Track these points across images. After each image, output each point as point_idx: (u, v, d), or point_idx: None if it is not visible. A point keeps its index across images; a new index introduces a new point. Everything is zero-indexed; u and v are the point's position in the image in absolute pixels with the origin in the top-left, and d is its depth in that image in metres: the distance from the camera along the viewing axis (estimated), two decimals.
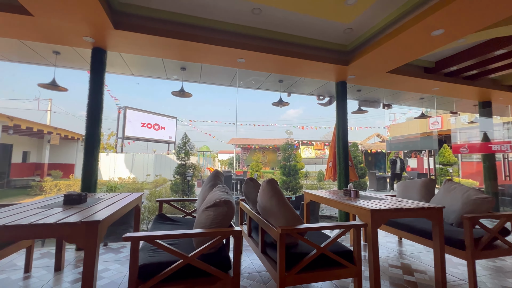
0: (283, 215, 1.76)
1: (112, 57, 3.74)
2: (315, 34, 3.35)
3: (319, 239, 2.00)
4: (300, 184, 8.55)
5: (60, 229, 1.35)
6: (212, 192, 2.00)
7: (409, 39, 2.89)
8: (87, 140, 3.11)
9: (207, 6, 2.79)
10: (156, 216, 2.56)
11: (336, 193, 3.01)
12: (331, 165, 4.93)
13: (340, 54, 3.69)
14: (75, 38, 2.99)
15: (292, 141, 10.37)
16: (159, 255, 1.60)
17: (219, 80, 4.85)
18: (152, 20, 2.93)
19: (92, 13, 2.46)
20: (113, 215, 1.64)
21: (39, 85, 3.75)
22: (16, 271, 2.33)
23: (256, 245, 2.22)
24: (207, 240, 1.60)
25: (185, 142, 7.74)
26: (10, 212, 1.60)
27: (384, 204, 2.23)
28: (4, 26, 2.77)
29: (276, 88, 5.16)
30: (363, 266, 2.47)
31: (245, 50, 3.22)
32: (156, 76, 4.70)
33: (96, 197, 2.33)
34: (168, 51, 3.36)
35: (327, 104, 5.77)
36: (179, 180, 7.39)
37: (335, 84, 4.50)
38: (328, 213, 6.52)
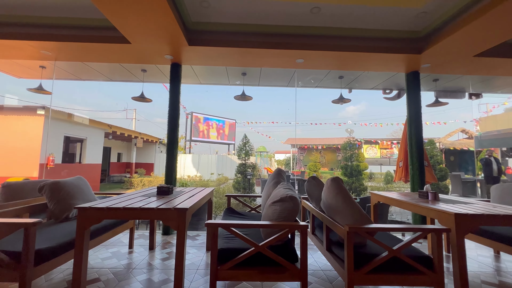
0: (350, 214, 1.74)
1: (185, 70, 4.30)
2: (379, 24, 3.13)
3: (390, 242, 1.89)
4: (364, 186, 7.96)
5: (160, 213, 1.68)
6: (277, 189, 2.12)
7: (503, 15, 2.41)
8: (169, 143, 3.67)
9: (266, 12, 2.94)
10: (226, 210, 2.84)
11: (409, 195, 2.74)
12: (402, 165, 4.46)
13: (411, 42, 3.33)
14: (159, 57, 3.57)
15: (354, 139, 9.72)
16: (233, 242, 1.80)
17: (277, 81, 4.98)
18: (218, 33, 3.26)
19: (173, 35, 2.91)
20: (195, 205, 1.93)
21: (133, 98, 4.61)
22: (123, 247, 2.94)
23: (321, 243, 2.23)
24: (275, 232, 1.72)
25: (245, 143, 8.18)
26: (122, 199, 2.06)
27: (473, 208, 1.94)
28: (110, 53, 3.53)
29: (336, 85, 4.98)
30: (446, 279, 2.19)
31: (304, 50, 3.25)
32: (220, 83, 5.15)
33: (178, 190, 2.75)
34: (231, 59, 3.66)
35: (395, 98, 5.24)
36: (240, 179, 7.86)
37: (405, 76, 4.06)
38: (398, 218, 5.89)
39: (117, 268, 2.40)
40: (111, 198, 2.04)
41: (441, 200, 2.39)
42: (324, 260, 2.65)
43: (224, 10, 2.92)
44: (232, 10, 2.91)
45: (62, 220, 2.31)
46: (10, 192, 2.47)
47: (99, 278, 2.18)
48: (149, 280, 2.16)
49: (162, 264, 2.50)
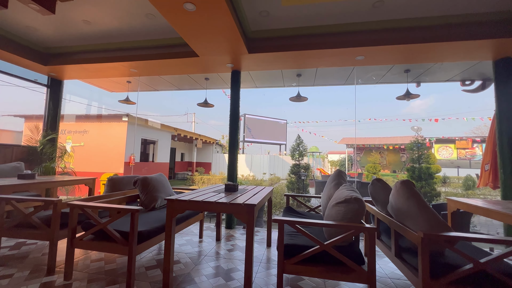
0: (424, 219, 1.62)
1: (243, 76, 4.59)
2: (456, 9, 2.77)
3: (476, 255, 1.68)
4: (436, 191, 7.01)
5: (232, 207, 1.89)
6: (340, 190, 2.11)
7: None
8: (230, 144, 3.99)
9: (323, 13, 2.94)
10: (285, 208, 2.94)
11: (501, 204, 2.35)
12: (489, 168, 3.80)
13: (501, 24, 2.83)
14: (221, 66, 3.92)
15: (422, 138, 8.63)
16: (297, 239, 1.89)
17: (334, 80, 4.85)
18: (276, 39, 3.39)
19: (236, 46, 3.18)
20: (260, 201, 2.09)
21: (198, 104, 5.16)
22: (194, 236, 3.35)
23: (388, 248, 2.13)
24: (339, 233, 1.73)
25: (299, 143, 8.16)
26: (199, 193, 2.37)
27: None
28: (181, 66, 4.04)
29: (401, 79, 4.56)
30: None
31: (365, 46, 3.11)
32: (275, 86, 5.30)
33: (241, 188, 2.98)
34: (287, 63, 3.76)
35: (479, 89, 4.49)
36: (294, 179, 7.88)
37: (492, 64, 3.46)
38: (484, 231, 5.02)
39: (192, 254, 2.75)
40: (188, 193, 2.37)
41: None
42: (391, 267, 2.50)
43: (282, 16, 3.03)
44: (290, 15, 3.00)
45: (150, 209, 2.79)
46: (113, 184, 3.10)
47: (179, 261, 2.55)
48: (219, 267, 2.42)
49: (229, 254, 2.75)
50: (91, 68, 4.16)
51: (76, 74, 4.58)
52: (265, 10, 2.90)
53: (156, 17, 3.10)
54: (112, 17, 3.16)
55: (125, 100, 5.53)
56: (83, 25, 3.37)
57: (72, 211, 2.07)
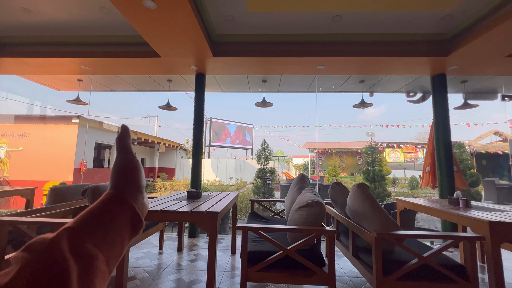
0: (377, 219, 1.75)
1: (208, 79, 4.50)
2: (402, 28, 3.10)
3: (419, 250, 1.86)
4: (387, 192, 7.70)
5: (193, 216, 1.81)
6: (302, 194, 2.17)
7: None
8: (194, 149, 3.85)
9: (287, 22, 3.04)
10: (250, 214, 2.92)
11: (438, 202, 2.66)
12: (429, 170, 4.30)
13: (437, 44, 3.26)
14: (185, 68, 3.79)
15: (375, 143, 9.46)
16: (261, 245, 1.88)
17: (298, 87, 5.04)
18: (241, 44, 3.40)
19: (200, 49, 3.10)
20: (224, 209, 2.04)
21: (160, 107, 4.89)
22: (153, 247, 3.12)
23: (346, 248, 2.24)
24: (301, 236, 1.77)
25: (264, 148, 8.27)
26: (157, 202, 2.22)
27: (509, 216, 1.87)
28: (141, 66, 3.79)
29: (357, 89, 4.94)
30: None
31: (325, 57, 3.30)
32: (241, 90, 5.31)
33: (205, 194, 2.88)
34: (252, 68, 3.79)
35: (420, 100, 5.08)
36: (260, 183, 7.93)
37: (430, 78, 3.96)
38: (426, 226, 5.64)
39: (150, 267, 2.56)
40: None
41: (473, 207, 2.30)
42: (349, 266, 2.64)
43: (247, 22, 3.05)
44: (255, 21, 3.04)
45: None
46: (57, 195, 2.74)
47: (135, 276, 2.34)
48: (180, 280, 2.29)
49: (191, 265, 2.62)
50: (33, 62, 3.66)
51: (14, 69, 3.99)
52: (230, 14, 2.89)
53: (112, 11, 2.86)
54: (59, 7, 2.83)
55: (75, 100, 4.99)
56: (22, 14, 2.96)
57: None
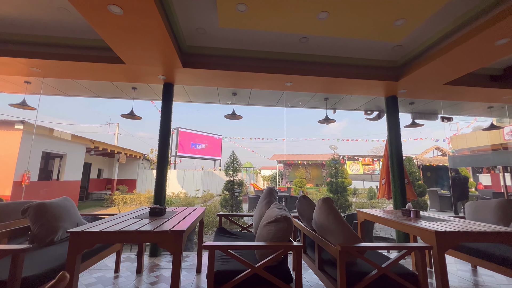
0: (341, 233, 1.83)
1: (176, 89, 4.38)
2: (361, 53, 3.43)
3: (378, 260, 1.98)
4: (349, 202, 8.16)
5: (156, 236, 1.68)
6: (271, 209, 2.18)
7: (468, 51, 2.75)
8: (159, 161, 3.66)
9: (258, 40, 3.14)
10: (218, 229, 2.83)
11: (393, 213, 2.89)
12: (385, 183, 4.68)
13: (389, 70, 3.65)
14: (152, 77, 3.64)
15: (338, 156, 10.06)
16: (228, 264, 1.82)
17: (267, 101, 5.17)
18: (211, 57, 3.40)
19: (169, 58, 3.02)
20: (190, 226, 1.94)
21: (122, 116, 4.59)
22: (108, 271, 2.82)
23: (312, 262, 2.29)
24: (269, 252, 1.76)
25: (233, 159, 8.21)
26: (115, 221, 2.03)
27: (451, 226, 2.10)
28: (102, 72, 3.55)
29: (321, 105, 5.24)
30: None
31: (293, 75, 3.46)
32: (211, 102, 5.26)
33: (170, 210, 2.72)
34: (223, 81, 3.80)
35: (376, 118, 5.58)
36: (227, 196, 7.79)
37: (384, 99, 4.39)
38: (383, 234, 6.06)
39: None
40: (103, 220, 2.00)
41: (422, 218, 2.55)
42: (315, 279, 2.68)
43: (219, 36, 3.08)
44: (226, 36, 3.08)
45: (47, 244, 2.21)
46: None
47: None
48: None
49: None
50: None
51: None
52: (202, 27, 2.89)
53: (71, 13, 2.66)
54: (7, 2, 2.54)
55: (20, 104, 4.42)
56: None
57: None
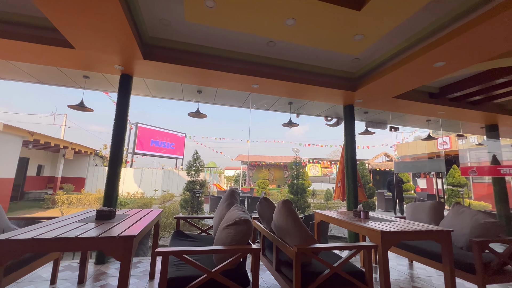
0: (298, 235, 1.88)
1: (135, 82, 4.07)
2: (324, 63, 3.61)
3: (331, 259, 2.10)
4: (308, 203, 8.54)
5: (102, 243, 1.52)
6: (231, 211, 2.15)
7: (413, 69, 3.10)
8: (112, 159, 3.34)
9: (226, 38, 3.10)
10: (174, 233, 2.69)
11: (346, 214, 3.10)
12: (340, 185, 5.01)
13: (348, 80, 3.92)
14: (107, 66, 3.32)
15: (299, 158, 10.49)
16: (184, 270, 1.73)
17: (233, 102, 5.13)
18: (175, 51, 3.24)
19: (128, 47, 2.78)
20: (143, 230, 1.80)
21: (69, 106, 4.09)
22: (42, 283, 2.47)
23: (270, 263, 2.32)
24: (227, 256, 1.73)
25: (196, 159, 7.96)
26: (53, 226, 1.78)
27: (394, 226, 2.33)
28: (47, 56, 3.12)
29: (286, 109, 5.40)
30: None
31: (259, 77, 3.49)
32: (174, 98, 5.02)
33: (121, 213, 2.50)
34: (188, 78, 3.66)
35: (335, 125, 5.96)
36: (188, 197, 7.52)
37: (343, 107, 4.70)
38: (336, 233, 6.48)
39: None
40: (39, 225, 1.74)
41: (370, 218, 2.78)
42: (273, 279, 2.73)
43: (185, 30, 2.95)
44: (193, 32, 2.97)
45: None
46: None
47: None
48: None
49: None
50: None
51: None
52: (166, 19, 2.73)
53: None
54: None
55: None
56: None
57: None
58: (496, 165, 4.86)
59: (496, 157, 5.52)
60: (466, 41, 2.47)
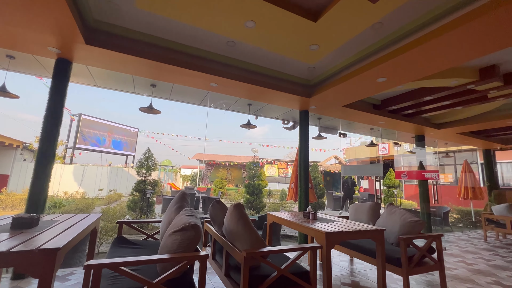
0: (248, 238, 1.88)
1: (76, 68, 3.59)
2: (282, 68, 3.71)
3: (280, 261, 2.15)
4: (263, 203, 8.71)
5: (13, 258, 1.27)
6: (180, 216, 2.03)
7: (360, 82, 3.40)
8: (40, 155, 2.87)
9: (184, 33, 2.94)
10: (115, 239, 2.44)
11: (297, 215, 3.23)
12: (293, 187, 5.22)
13: (304, 87, 4.11)
14: (39, 47, 2.84)
15: (258, 159, 10.65)
16: (121, 282, 1.57)
17: (190, 99, 4.92)
18: (126, 39, 2.95)
19: (65, 28, 2.42)
20: (73, 240, 1.58)
21: None
22: None
23: (220, 268, 2.27)
24: (173, 264, 1.62)
25: (148, 157, 7.42)
26: None
27: (338, 226, 2.50)
28: None
29: (245, 110, 5.40)
30: (319, 285, 2.66)
31: (218, 76, 3.41)
32: (123, 90, 4.58)
33: (48, 219, 2.16)
34: (140, 70, 3.37)
35: (291, 128, 6.20)
36: (137, 197, 6.96)
37: (298, 112, 4.91)
38: (289, 233, 6.74)
39: None
40: None
41: (318, 219, 2.95)
42: (222, 285, 2.68)
43: (137, 17, 2.70)
44: (146, 21, 2.74)
45: None
46: None
47: None
48: None
49: None
50: None
51: None
52: (115, 2, 2.46)
53: None
54: None
55: None
56: None
57: None
58: (421, 170, 5.67)
59: (422, 163, 6.44)
60: (403, 62, 2.80)
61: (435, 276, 3.21)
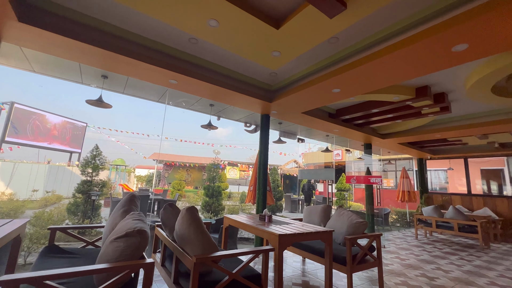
0: (200, 243, 1.81)
1: (7, 48, 3.08)
2: (245, 71, 3.73)
3: (233, 265, 2.12)
4: (222, 206, 8.59)
5: None
6: (125, 220, 1.87)
7: (318, 91, 3.60)
8: None
9: (142, 23, 2.75)
10: (45, 248, 2.13)
11: (253, 218, 3.25)
12: (252, 189, 5.26)
13: (266, 91, 4.19)
14: None
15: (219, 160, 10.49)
16: None
17: (147, 95, 4.62)
18: (72, 22, 2.63)
19: None
20: None
21: None
22: None
23: (169, 275, 2.15)
24: (113, 275, 1.48)
25: (96, 155, 6.72)
26: None
27: (291, 228, 2.59)
28: None
29: (206, 110, 5.28)
30: (270, 287, 2.71)
31: (178, 73, 3.26)
32: (68, 79, 4.08)
33: None
34: (88, 58, 3.03)
35: (253, 131, 6.26)
36: (80, 200, 6.23)
37: (260, 116, 4.99)
38: (246, 235, 6.76)
39: None
40: None
41: (273, 222, 3.01)
42: None
43: (90, 1, 2.43)
44: (98, 4, 2.48)
45: None
46: None
47: None
48: None
49: None
50: None
51: None
52: None
53: None
54: None
55: None
56: None
57: None
58: (368, 175, 6.25)
59: (369, 169, 7.11)
60: (356, 75, 3.06)
61: (374, 272, 3.53)
